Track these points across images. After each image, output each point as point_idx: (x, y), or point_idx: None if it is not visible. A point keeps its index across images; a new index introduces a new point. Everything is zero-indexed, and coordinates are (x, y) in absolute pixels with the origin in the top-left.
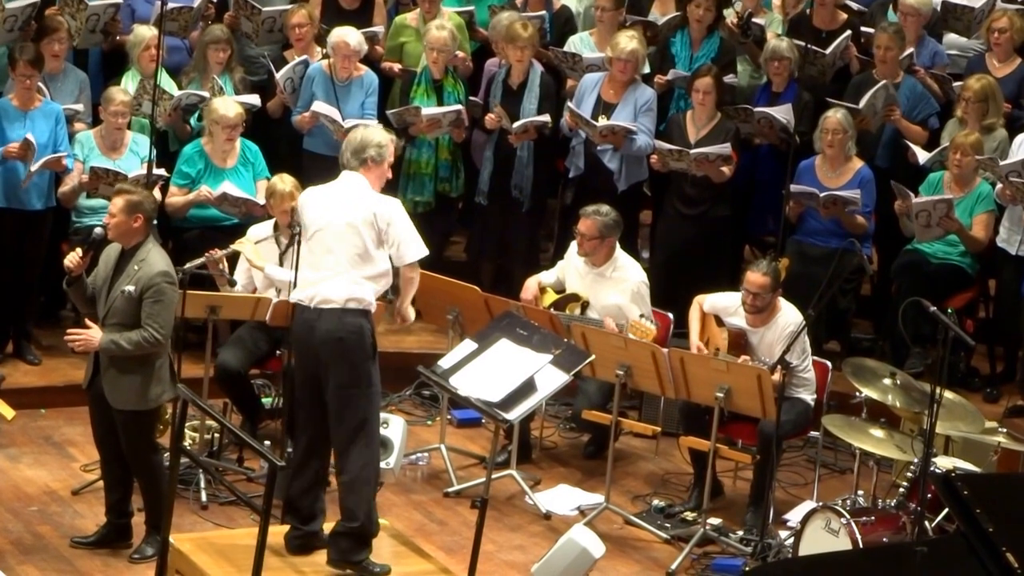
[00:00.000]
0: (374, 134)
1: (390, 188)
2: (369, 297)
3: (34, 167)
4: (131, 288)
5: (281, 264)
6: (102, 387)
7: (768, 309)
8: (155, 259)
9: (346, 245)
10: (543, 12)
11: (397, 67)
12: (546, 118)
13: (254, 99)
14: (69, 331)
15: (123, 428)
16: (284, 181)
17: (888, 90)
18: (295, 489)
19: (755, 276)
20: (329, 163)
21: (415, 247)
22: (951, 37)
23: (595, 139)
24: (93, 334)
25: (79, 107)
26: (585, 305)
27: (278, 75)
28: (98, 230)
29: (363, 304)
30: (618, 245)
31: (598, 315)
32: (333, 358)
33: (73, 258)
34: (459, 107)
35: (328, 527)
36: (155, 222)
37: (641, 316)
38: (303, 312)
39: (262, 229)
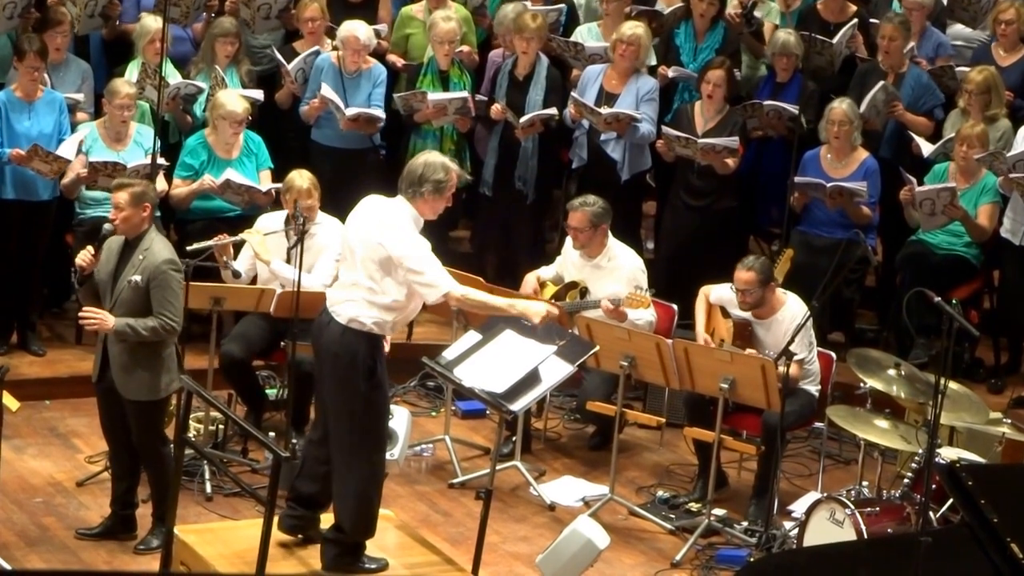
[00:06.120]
0: (437, 168)
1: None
2: (370, 323)
3: (59, 151)
4: (138, 278)
5: (288, 259)
6: (111, 380)
7: (762, 304)
8: (159, 248)
9: (364, 266)
10: (561, 5)
11: (401, 62)
12: (553, 111)
13: (258, 94)
14: (84, 311)
15: (134, 419)
16: (302, 177)
17: (887, 90)
18: (303, 476)
19: (741, 273)
20: (336, 155)
21: (435, 290)
22: (956, 28)
23: (599, 127)
24: (107, 316)
25: (80, 96)
26: (584, 291)
27: (290, 65)
28: (107, 226)
29: (364, 328)
30: (610, 234)
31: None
32: (327, 371)
33: (85, 256)
34: (465, 94)
35: (325, 519)
36: (158, 213)
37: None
38: (323, 312)
39: (272, 221)
